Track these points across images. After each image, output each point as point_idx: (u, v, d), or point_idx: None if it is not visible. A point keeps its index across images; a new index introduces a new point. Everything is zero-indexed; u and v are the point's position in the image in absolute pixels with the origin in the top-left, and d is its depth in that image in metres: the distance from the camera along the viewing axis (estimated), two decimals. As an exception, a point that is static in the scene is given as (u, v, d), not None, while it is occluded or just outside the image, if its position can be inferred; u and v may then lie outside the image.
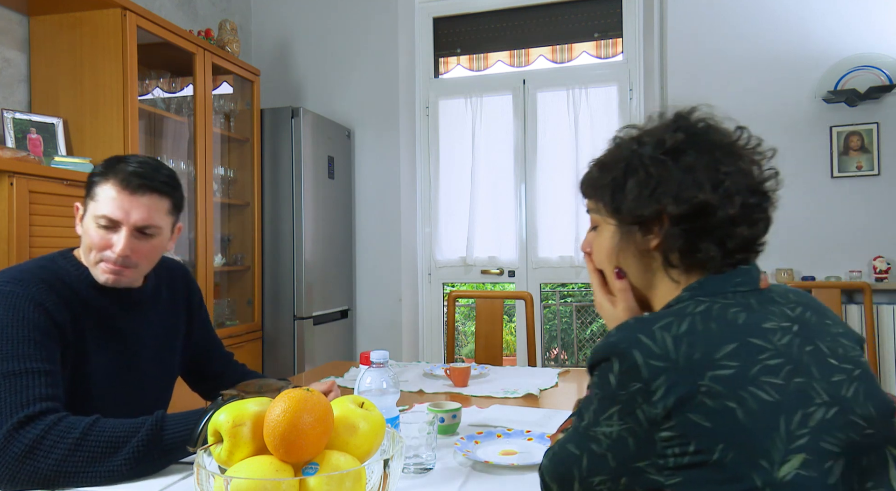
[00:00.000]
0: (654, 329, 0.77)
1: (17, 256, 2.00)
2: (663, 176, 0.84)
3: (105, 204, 1.26)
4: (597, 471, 0.79)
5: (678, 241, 0.83)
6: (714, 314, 0.78)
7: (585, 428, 0.81)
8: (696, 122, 0.89)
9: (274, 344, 3.33)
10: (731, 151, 0.86)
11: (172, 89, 3.03)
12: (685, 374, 0.73)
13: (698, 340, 0.75)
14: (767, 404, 0.71)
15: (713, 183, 0.82)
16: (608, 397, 0.78)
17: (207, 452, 0.87)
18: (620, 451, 0.77)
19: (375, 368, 1.22)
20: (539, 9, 3.76)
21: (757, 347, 0.75)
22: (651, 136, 0.88)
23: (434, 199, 3.90)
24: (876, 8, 3.08)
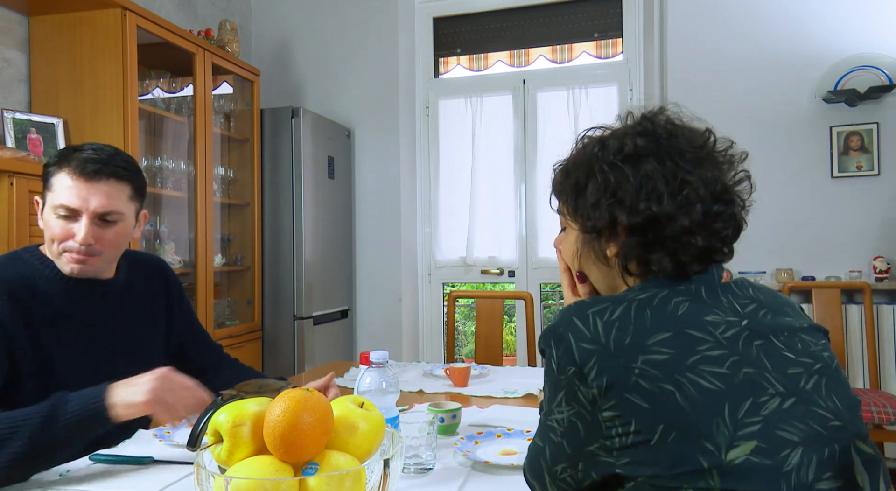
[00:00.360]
0: (588, 313, 0.79)
1: (17, 256, 2.00)
2: (620, 184, 0.83)
3: (62, 193, 1.23)
4: (557, 459, 0.82)
5: (633, 251, 0.84)
6: (654, 303, 0.79)
7: (544, 418, 0.84)
8: (660, 126, 0.87)
9: (274, 344, 3.33)
10: (696, 157, 0.84)
11: (172, 89, 3.03)
12: (615, 357, 0.75)
13: (629, 326, 0.76)
14: (709, 391, 0.72)
15: (671, 192, 0.81)
16: (553, 383, 0.81)
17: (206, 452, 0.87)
18: (573, 436, 0.79)
19: (375, 368, 1.22)
20: (539, 9, 3.76)
21: (694, 337, 0.76)
22: (614, 140, 0.87)
23: (434, 199, 3.90)
24: (876, 8, 3.08)
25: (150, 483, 1.09)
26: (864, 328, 2.91)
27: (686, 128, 0.88)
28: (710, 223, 0.82)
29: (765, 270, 3.19)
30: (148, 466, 1.18)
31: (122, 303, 1.41)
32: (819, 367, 0.79)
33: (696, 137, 0.87)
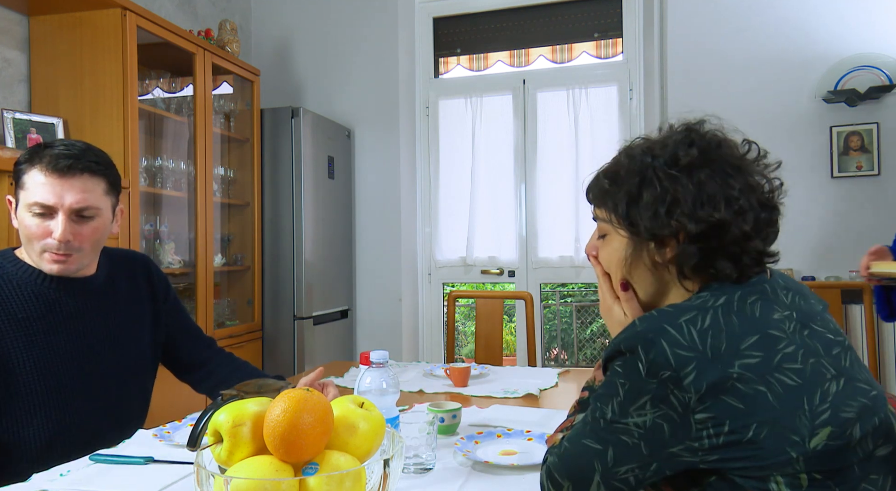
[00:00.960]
0: (681, 322, 0.81)
1: (17, 256, 1.99)
2: (678, 193, 0.86)
3: (35, 190, 1.22)
4: (626, 460, 0.82)
5: (694, 258, 0.86)
6: (735, 308, 0.83)
7: (611, 422, 0.83)
8: (707, 136, 0.91)
9: (274, 344, 3.33)
10: (741, 167, 0.89)
11: (172, 89, 3.03)
12: (714, 362, 0.78)
13: (721, 333, 0.80)
14: (791, 388, 0.78)
15: (726, 200, 0.85)
16: (636, 387, 0.81)
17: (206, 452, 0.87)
18: (655, 438, 0.80)
19: (375, 368, 1.22)
20: (539, 9, 3.76)
21: (775, 337, 0.81)
22: (663, 150, 0.90)
23: (434, 199, 3.90)
24: (876, 8, 3.08)
25: (150, 483, 1.09)
26: (864, 328, 2.91)
27: (728, 138, 0.92)
28: (762, 228, 0.88)
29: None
30: (148, 465, 1.18)
31: (104, 300, 1.40)
32: (846, 343, 0.86)
33: (739, 148, 0.92)
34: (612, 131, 3.54)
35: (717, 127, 0.93)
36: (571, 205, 3.60)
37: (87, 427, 1.35)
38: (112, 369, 1.40)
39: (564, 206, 3.63)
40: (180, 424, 1.43)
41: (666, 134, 0.93)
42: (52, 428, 1.30)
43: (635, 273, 0.93)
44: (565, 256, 3.65)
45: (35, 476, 1.11)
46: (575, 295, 5.90)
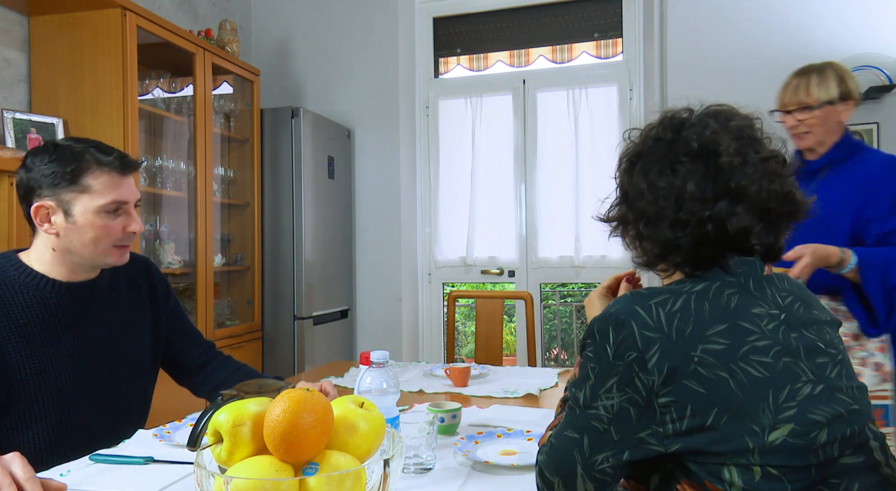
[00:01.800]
0: (651, 303, 0.84)
1: (17, 256, 2.00)
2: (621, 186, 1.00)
3: (106, 191, 1.27)
4: (600, 448, 0.83)
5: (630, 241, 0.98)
6: (710, 296, 0.85)
7: (584, 407, 0.85)
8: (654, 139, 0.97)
9: (274, 344, 3.33)
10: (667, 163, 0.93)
11: (172, 89, 3.03)
12: (677, 345, 0.81)
13: (689, 317, 0.83)
14: (757, 379, 0.80)
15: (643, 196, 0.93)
16: (605, 370, 0.83)
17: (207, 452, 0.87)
18: (623, 422, 0.82)
19: (375, 368, 1.22)
20: (539, 9, 3.76)
21: (745, 329, 0.83)
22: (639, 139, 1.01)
23: (434, 199, 3.90)
24: (876, 8, 3.08)
25: (150, 483, 1.09)
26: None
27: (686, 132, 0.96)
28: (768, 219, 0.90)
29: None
30: (148, 465, 1.18)
31: (106, 304, 1.41)
32: (840, 357, 0.88)
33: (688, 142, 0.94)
34: (612, 131, 3.54)
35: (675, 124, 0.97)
36: (571, 205, 3.60)
37: (87, 431, 1.35)
38: (113, 373, 1.41)
39: (564, 206, 3.63)
40: (180, 424, 1.43)
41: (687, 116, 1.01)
42: (53, 432, 1.30)
43: None
44: (565, 256, 3.65)
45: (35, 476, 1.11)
46: (575, 295, 5.90)
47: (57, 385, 1.30)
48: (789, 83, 1.84)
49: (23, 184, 1.27)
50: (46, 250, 1.30)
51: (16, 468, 0.92)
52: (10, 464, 0.92)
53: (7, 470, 0.91)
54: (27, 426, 1.28)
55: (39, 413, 1.29)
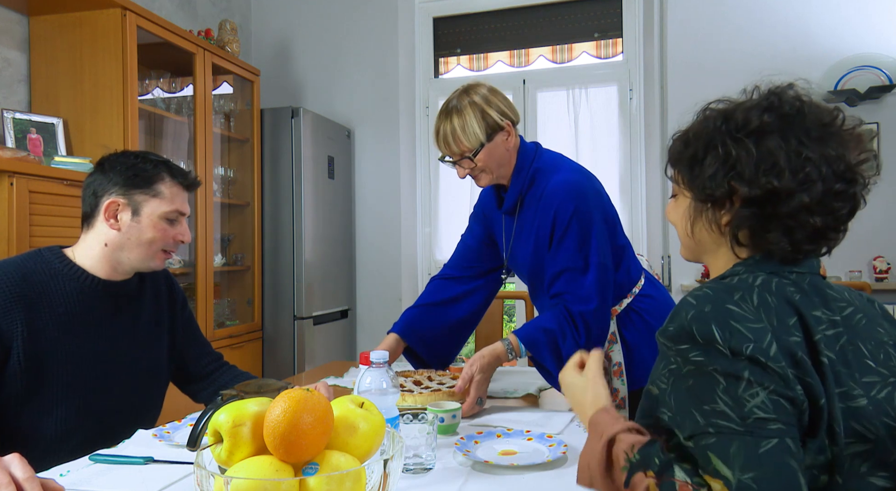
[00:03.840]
0: (735, 299, 0.80)
1: (17, 256, 2.00)
2: (741, 157, 0.84)
3: (174, 200, 1.40)
4: (797, 452, 0.74)
5: (747, 223, 0.85)
6: (773, 289, 0.82)
7: (742, 420, 0.74)
8: (788, 102, 0.87)
9: (274, 344, 3.32)
10: (821, 135, 0.84)
11: (172, 89, 3.03)
12: (782, 332, 0.78)
13: (771, 310, 0.80)
14: (829, 370, 0.78)
15: (793, 169, 0.82)
16: (730, 370, 0.76)
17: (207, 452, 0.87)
18: (784, 415, 0.75)
19: (375, 368, 1.21)
20: (539, 9, 3.76)
21: (815, 317, 0.81)
22: (740, 114, 0.87)
23: (434, 199, 3.89)
24: (876, 8, 3.08)
25: (150, 483, 1.09)
26: (864, 328, 2.91)
27: (814, 104, 0.88)
28: (829, 201, 0.84)
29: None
30: (148, 465, 1.18)
31: (134, 304, 1.48)
32: (893, 380, 0.82)
33: (824, 115, 0.87)
34: (612, 131, 3.54)
35: (803, 93, 0.88)
36: (571, 205, 3.60)
37: (101, 425, 1.40)
38: (133, 371, 1.47)
39: (564, 206, 3.62)
40: (180, 424, 1.43)
41: (747, 98, 0.91)
42: (70, 422, 1.35)
43: (698, 232, 0.92)
44: (565, 256, 3.64)
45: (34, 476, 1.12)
46: (575, 295, 5.89)
47: (81, 376, 1.36)
48: (438, 128, 1.64)
49: (95, 183, 1.38)
50: (97, 245, 1.38)
51: (15, 469, 0.92)
52: (10, 464, 0.92)
53: (6, 470, 0.91)
54: (47, 413, 1.33)
55: (61, 401, 1.34)
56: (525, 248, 1.67)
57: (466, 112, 1.61)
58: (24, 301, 1.29)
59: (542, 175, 1.62)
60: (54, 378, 1.32)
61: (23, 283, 1.30)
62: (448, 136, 1.62)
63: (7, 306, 1.27)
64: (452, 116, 1.63)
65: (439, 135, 1.64)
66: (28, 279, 1.31)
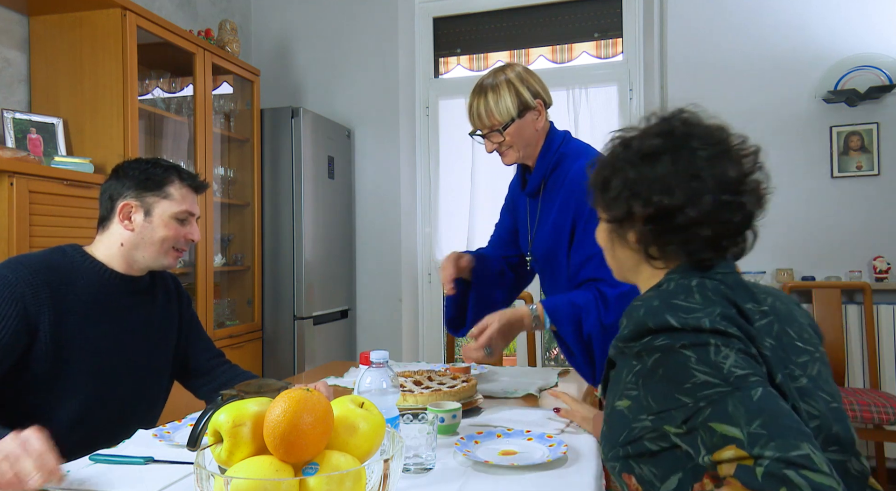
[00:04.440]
0: (680, 297, 0.86)
1: (17, 256, 2.00)
2: (637, 179, 0.93)
3: (183, 201, 1.48)
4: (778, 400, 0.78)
5: (650, 239, 0.94)
6: (709, 287, 0.88)
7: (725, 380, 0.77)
8: (676, 125, 0.96)
9: (274, 344, 3.33)
10: (709, 154, 0.92)
11: (172, 89, 3.03)
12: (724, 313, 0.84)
13: (714, 302, 0.85)
14: (773, 354, 0.86)
15: (682, 186, 0.90)
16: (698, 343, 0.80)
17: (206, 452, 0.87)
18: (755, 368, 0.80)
19: (375, 368, 1.21)
20: (539, 9, 3.76)
21: (749, 310, 0.88)
22: (636, 140, 0.97)
23: (434, 199, 3.90)
24: (876, 8, 3.08)
25: (150, 483, 1.09)
26: (864, 328, 2.91)
27: (702, 126, 0.96)
28: (718, 213, 0.90)
29: (765, 270, 3.19)
30: (148, 465, 1.18)
31: (147, 300, 1.55)
32: (819, 355, 0.92)
33: (712, 135, 0.95)
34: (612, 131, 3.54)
35: (692, 116, 0.97)
36: (571, 205, 3.60)
37: (111, 416, 1.46)
38: (143, 365, 1.53)
39: (564, 206, 3.63)
40: (180, 424, 1.43)
41: (646, 125, 0.99)
42: (82, 412, 1.40)
43: (618, 252, 1.02)
44: (565, 256, 3.64)
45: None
46: (575, 295, 5.89)
47: (97, 365, 1.42)
48: (471, 103, 1.69)
49: (111, 187, 1.47)
50: (115, 245, 1.46)
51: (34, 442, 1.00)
52: (29, 438, 1.00)
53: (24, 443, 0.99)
54: (64, 401, 1.38)
55: (75, 390, 1.39)
56: (544, 229, 1.70)
57: (501, 87, 1.65)
58: (50, 287, 1.35)
59: (568, 159, 1.66)
60: (75, 365, 1.38)
61: (48, 271, 1.36)
62: (481, 109, 1.66)
63: (35, 291, 1.32)
64: (487, 90, 1.67)
65: (472, 108, 1.69)
66: (53, 269, 1.38)
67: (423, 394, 1.48)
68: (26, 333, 1.31)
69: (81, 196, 2.22)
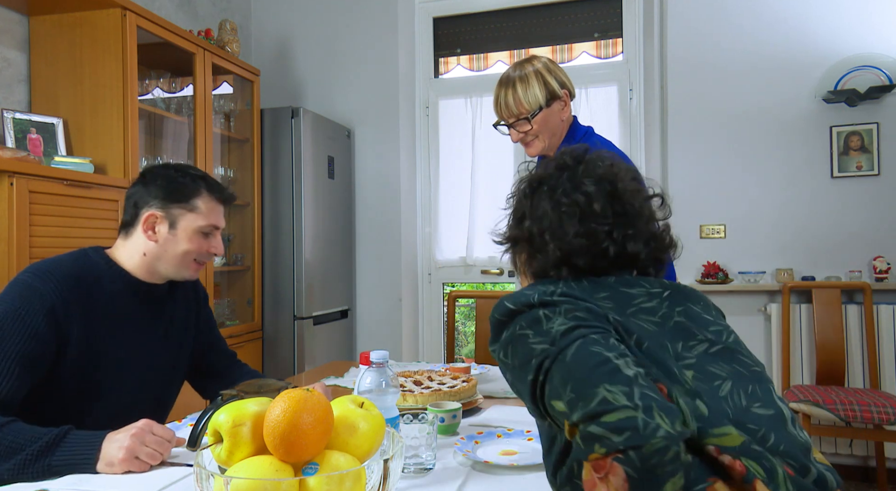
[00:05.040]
0: (538, 287, 0.93)
1: (17, 256, 2.00)
2: (520, 209, 1.05)
3: (210, 214, 1.45)
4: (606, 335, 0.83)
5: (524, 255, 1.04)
6: (584, 282, 0.95)
7: (551, 344, 0.81)
8: (553, 164, 1.05)
9: (274, 344, 3.33)
10: (576, 186, 1.00)
11: (172, 89, 3.03)
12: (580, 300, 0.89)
13: (575, 290, 0.91)
14: (653, 332, 0.87)
15: (544, 214, 1.00)
16: (532, 319, 0.87)
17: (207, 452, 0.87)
18: (582, 320, 0.85)
19: (375, 368, 1.21)
20: (539, 9, 3.76)
21: (628, 294, 0.92)
22: (529, 178, 1.08)
23: (434, 199, 3.90)
24: (876, 8, 3.08)
25: (150, 483, 1.09)
26: (864, 328, 2.91)
27: (585, 161, 1.04)
28: (561, 236, 0.97)
29: (765, 269, 3.19)
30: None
31: (167, 305, 1.54)
32: (731, 330, 0.94)
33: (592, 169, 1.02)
34: (613, 131, 3.54)
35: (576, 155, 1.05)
36: (571, 205, 3.60)
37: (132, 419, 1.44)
38: (161, 370, 1.53)
39: (564, 206, 3.62)
40: (180, 424, 1.43)
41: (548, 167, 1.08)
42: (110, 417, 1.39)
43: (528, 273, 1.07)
44: (565, 256, 3.64)
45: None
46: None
47: (123, 372, 1.42)
48: (498, 95, 1.78)
49: (136, 194, 1.44)
50: (137, 253, 1.44)
51: (157, 429, 1.16)
52: (152, 426, 1.16)
53: (150, 430, 1.15)
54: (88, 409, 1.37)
55: (103, 397, 1.39)
56: None
57: (530, 77, 1.72)
58: (79, 297, 1.34)
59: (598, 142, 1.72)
60: (103, 372, 1.38)
61: (77, 280, 1.35)
62: (509, 98, 1.73)
63: (65, 301, 1.31)
64: (515, 81, 1.74)
65: (500, 98, 1.75)
66: (81, 278, 1.36)
67: (423, 394, 1.48)
68: (56, 343, 1.30)
69: (81, 196, 2.22)
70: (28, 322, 1.25)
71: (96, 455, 1.12)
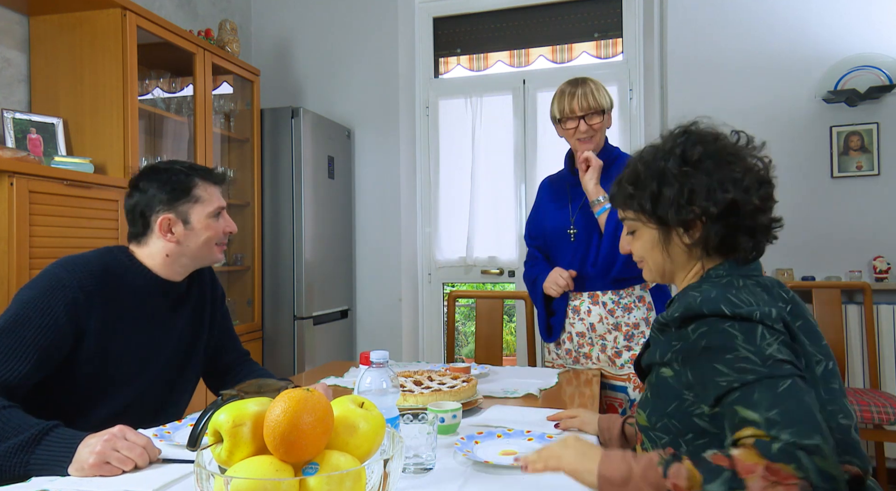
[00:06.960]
0: (734, 292, 0.97)
1: (18, 256, 2.00)
2: (693, 184, 1.02)
3: (213, 199, 1.50)
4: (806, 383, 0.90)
5: (718, 236, 1.02)
6: (749, 286, 1.00)
7: (763, 362, 0.87)
8: (704, 133, 1.07)
9: (274, 344, 3.33)
10: (737, 153, 1.05)
11: (172, 89, 3.03)
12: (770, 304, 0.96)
13: (760, 296, 0.98)
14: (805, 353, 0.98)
15: (733, 182, 1.01)
16: (747, 328, 0.91)
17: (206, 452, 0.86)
18: (793, 356, 0.92)
19: (375, 368, 1.21)
20: (539, 9, 3.76)
21: (779, 307, 0.98)
22: (671, 152, 1.06)
23: (434, 199, 3.90)
24: (876, 8, 3.08)
25: (150, 483, 1.09)
26: (864, 328, 2.91)
27: (721, 133, 1.08)
28: (766, 203, 1.03)
29: (765, 270, 3.19)
30: (148, 465, 1.18)
31: (184, 302, 1.57)
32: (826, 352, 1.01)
33: (730, 138, 1.08)
34: (612, 131, 3.54)
35: (709, 124, 1.09)
36: (571, 205, 3.60)
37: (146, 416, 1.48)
38: (176, 366, 1.55)
39: (564, 206, 3.63)
40: (180, 424, 1.43)
41: (669, 138, 1.10)
42: (120, 412, 1.41)
43: (673, 255, 1.09)
44: (565, 256, 3.64)
45: (34, 478, 1.12)
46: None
47: (137, 368, 1.44)
48: (572, 92, 1.92)
49: (140, 204, 1.46)
50: (160, 254, 1.47)
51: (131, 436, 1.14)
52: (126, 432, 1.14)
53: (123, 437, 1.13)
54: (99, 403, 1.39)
55: (115, 391, 1.41)
56: None
57: (599, 84, 1.94)
58: (103, 291, 1.37)
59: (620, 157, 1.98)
60: (117, 367, 1.40)
61: (104, 274, 1.38)
62: (588, 91, 1.90)
63: (88, 294, 1.34)
64: (588, 81, 1.93)
65: (577, 93, 1.91)
66: (109, 272, 1.40)
67: (423, 394, 1.48)
68: (73, 335, 1.32)
69: (81, 196, 2.22)
70: (49, 313, 1.28)
71: (71, 457, 1.12)
